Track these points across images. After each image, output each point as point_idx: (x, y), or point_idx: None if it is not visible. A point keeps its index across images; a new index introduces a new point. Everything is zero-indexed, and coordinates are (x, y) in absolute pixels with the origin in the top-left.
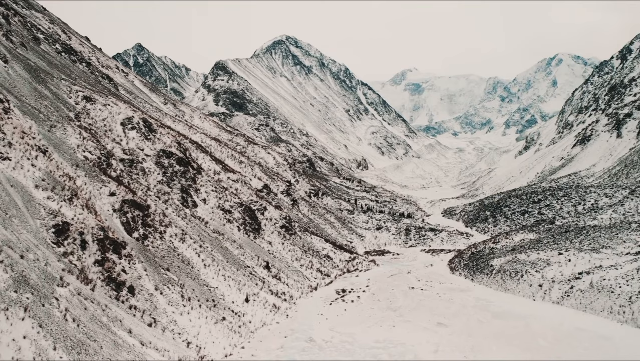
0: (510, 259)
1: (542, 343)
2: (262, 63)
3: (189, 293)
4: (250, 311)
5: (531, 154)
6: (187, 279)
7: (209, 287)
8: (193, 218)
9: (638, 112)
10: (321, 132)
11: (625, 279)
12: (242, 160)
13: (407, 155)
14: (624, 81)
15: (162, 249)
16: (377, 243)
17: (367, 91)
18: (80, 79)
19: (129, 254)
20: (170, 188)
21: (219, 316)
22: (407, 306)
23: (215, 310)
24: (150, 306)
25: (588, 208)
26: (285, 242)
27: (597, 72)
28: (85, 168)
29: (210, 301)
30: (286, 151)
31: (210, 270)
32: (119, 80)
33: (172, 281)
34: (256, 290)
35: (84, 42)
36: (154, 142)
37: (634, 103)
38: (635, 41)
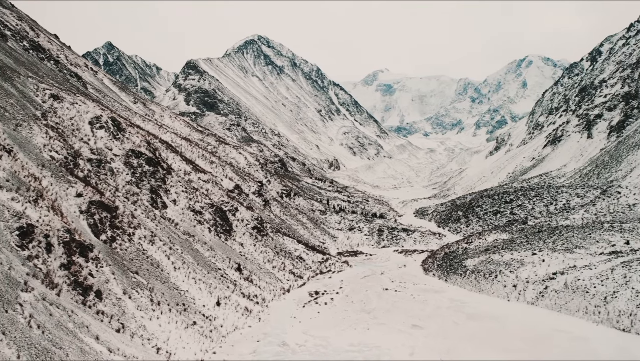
0: (484, 260)
1: (518, 345)
2: (233, 63)
3: (158, 297)
4: (221, 315)
5: (502, 154)
6: (157, 283)
7: (179, 290)
8: (163, 220)
9: (608, 113)
10: (293, 132)
11: (600, 279)
12: (213, 160)
13: (378, 155)
14: (595, 82)
15: (130, 251)
16: (350, 243)
17: (339, 91)
18: (48, 77)
19: (96, 257)
20: (139, 189)
21: (189, 320)
22: (382, 308)
23: (186, 314)
24: (118, 311)
25: (560, 208)
26: (257, 243)
27: (567, 74)
28: (51, 168)
29: (181, 305)
30: (258, 151)
31: (181, 273)
32: (88, 78)
33: (141, 285)
34: (227, 293)
35: (52, 39)
36: (123, 142)
37: (604, 104)
38: (605, 43)
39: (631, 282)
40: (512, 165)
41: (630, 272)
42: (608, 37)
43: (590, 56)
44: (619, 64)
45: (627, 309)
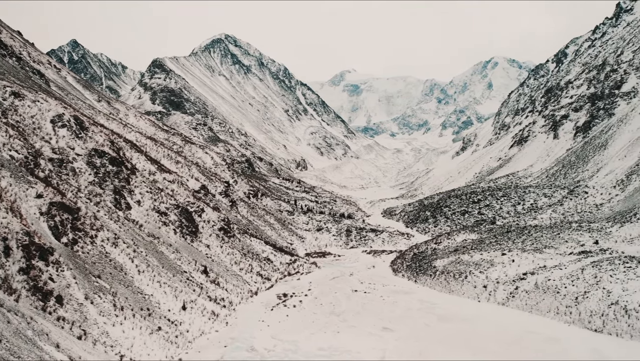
0: (453, 260)
1: (491, 347)
2: (200, 62)
3: (121, 302)
4: (187, 319)
5: (468, 154)
6: (120, 287)
7: (143, 295)
8: (127, 221)
9: (575, 114)
10: (260, 132)
11: (571, 279)
12: (179, 160)
13: (346, 155)
14: (561, 83)
15: (93, 255)
16: (318, 244)
17: (306, 91)
18: (9, 74)
19: (57, 261)
20: (102, 189)
21: (154, 326)
22: (351, 310)
23: (150, 319)
24: (80, 317)
25: (528, 207)
26: (224, 245)
27: (533, 75)
28: (10, 168)
29: (145, 310)
30: (224, 150)
31: (145, 276)
32: (51, 76)
33: (103, 290)
34: (194, 297)
35: (15, 36)
36: (86, 141)
37: (570, 105)
38: (570, 45)
39: (602, 282)
40: (479, 165)
41: (601, 272)
42: (573, 39)
43: (555, 58)
44: (585, 65)
45: (599, 309)
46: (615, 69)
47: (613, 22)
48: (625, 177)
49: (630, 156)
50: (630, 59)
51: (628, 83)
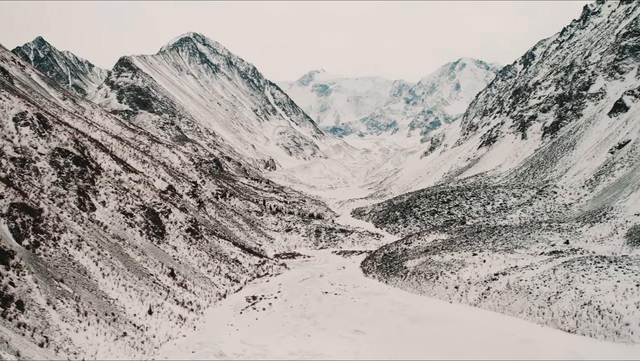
0: (424, 261)
1: (464, 349)
2: (168, 60)
3: (85, 307)
4: (154, 324)
5: (437, 155)
6: (84, 291)
7: (108, 299)
8: (91, 223)
9: (543, 114)
10: (228, 131)
11: (542, 279)
12: (146, 160)
13: (314, 155)
14: (529, 84)
15: (55, 258)
16: (287, 245)
17: (275, 90)
18: None
19: (18, 264)
20: (66, 190)
21: (119, 331)
22: (322, 313)
23: (115, 324)
24: (41, 323)
25: (497, 207)
26: (191, 247)
27: (500, 76)
28: None
29: (110, 315)
30: (192, 150)
31: (110, 280)
32: (15, 73)
33: (66, 294)
34: (160, 300)
35: None
36: (49, 140)
37: (538, 106)
38: (538, 47)
39: (574, 282)
40: (448, 165)
41: (573, 272)
42: (541, 41)
43: (523, 59)
44: (553, 67)
45: (572, 310)
46: (583, 71)
47: (580, 24)
48: (593, 178)
49: (599, 157)
50: (598, 61)
51: (596, 84)
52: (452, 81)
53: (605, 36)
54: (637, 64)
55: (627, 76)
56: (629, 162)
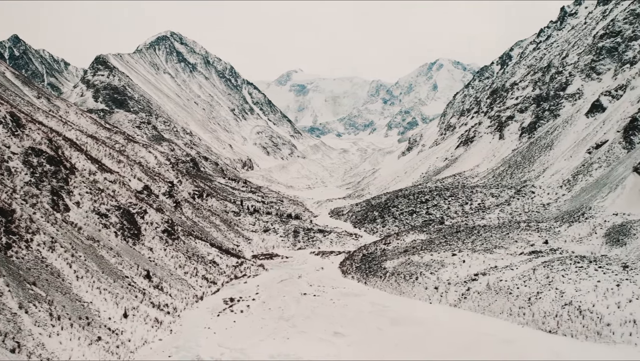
0: (403, 261)
1: (445, 350)
2: (145, 59)
3: (59, 311)
4: (129, 328)
5: (415, 155)
6: (57, 295)
7: (82, 302)
8: (65, 224)
9: (520, 115)
10: (206, 131)
11: (523, 280)
12: (121, 159)
13: (292, 155)
14: (506, 85)
15: (28, 260)
16: (265, 245)
17: (252, 90)
18: None
19: None
20: (39, 190)
21: (93, 336)
22: (301, 315)
23: (90, 328)
24: (13, 328)
25: (475, 207)
26: (167, 248)
27: (478, 77)
28: None
29: (84, 318)
30: (169, 150)
31: (84, 283)
32: None
33: (39, 298)
34: (136, 303)
35: None
36: (22, 139)
37: (516, 106)
38: (515, 48)
39: (554, 282)
40: (426, 165)
41: (553, 272)
42: (518, 42)
43: (500, 60)
44: (530, 67)
45: (553, 310)
46: (561, 71)
47: (557, 26)
48: (571, 177)
49: (576, 157)
50: (575, 62)
51: (573, 85)
52: (429, 82)
53: (583, 37)
54: (614, 65)
55: (604, 77)
56: (606, 163)
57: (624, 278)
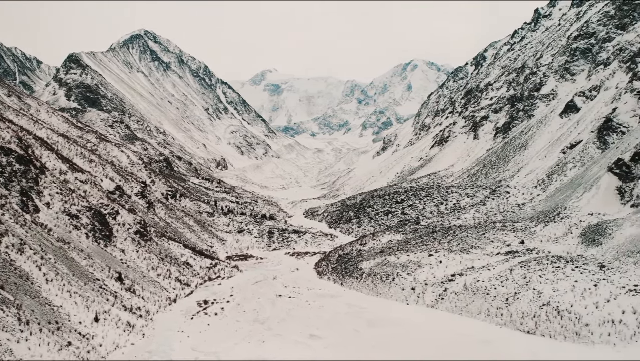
0: (379, 262)
1: (423, 352)
2: (118, 57)
3: (27, 315)
4: (100, 332)
5: (389, 154)
6: (26, 299)
7: (51, 306)
8: (34, 225)
9: (494, 115)
10: (179, 130)
11: (500, 280)
12: (93, 159)
13: (267, 155)
14: (480, 85)
15: None
16: (240, 246)
17: (227, 89)
18: None
19: None
20: (7, 190)
21: (63, 341)
22: (276, 317)
23: (59, 333)
24: None
25: (451, 207)
26: (140, 249)
27: (452, 77)
28: None
29: (53, 323)
30: (142, 149)
31: (54, 286)
32: None
33: (6, 302)
34: (107, 307)
35: None
36: None
37: (490, 107)
38: (489, 49)
39: (532, 283)
40: (400, 165)
41: (530, 272)
42: (492, 43)
43: (474, 61)
44: (504, 68)
45: (530, 310)
46: (535, 72)
47: (532, 27)
48: (546, 177)
49: (551, 157)
50: (549, 62)
51: (547, 86)
52: (403, 82)
53: (557, 38)
54: (588, 66)
55: (578, 78)
56: (581, 163)
57: (602, 277)
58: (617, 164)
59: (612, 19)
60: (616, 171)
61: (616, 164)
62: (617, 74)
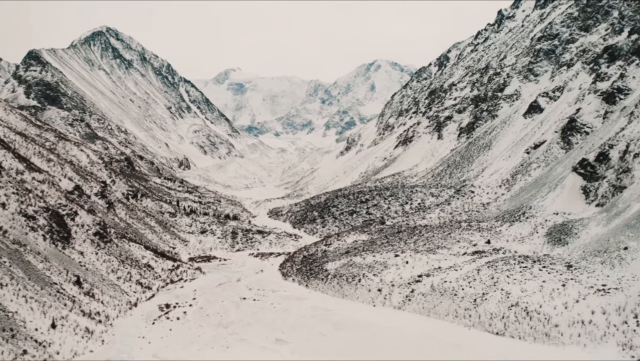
0: (345, 263)
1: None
2: (79, 54)
3: None
4: (58, 339)
5: (353, 154)
6: None
7: (6, 312)
8: None
9: (458, 115)
10: (141, 129)
11: (467, 281)
12: (52, 158)
13: (230, 154)
14: (444, 85)
15: None
16: (202, 247)
17: (190, 88)
18: None
19: None
20: None
21: (18, 349)
22: (241, 321)
23: (14, 341)
24: None
25: (415, 207)
26: (99, 251)
27: (416, 78)
28: None
29: (8, 330)
30: (102, 148)
31: (9, 291)
32: None
33: None
34: (65, 312)
35: None
36: None
37: (454, 107)
38: (452, 49)
39: (499, 283)
40: (365, 165)
41: (497, 273)
42: (455, 44)
43: (438, 61)
44: (468, 68)
45: (499, 311)
46: (499, 73)
47: (495, 28)
48: (510, 177)
49: (515, 156)
50: (513, 63)
51: (511, 86)
52: (367, 82)
53: (520, 40)
54: (551, 67)
55: (542, 79)
56: (545, 162)
57: (569, 277)
58: (582, 164)
59: (576, 20)
60: (580, 171)
61: (580, 164)
62: (580, 75)
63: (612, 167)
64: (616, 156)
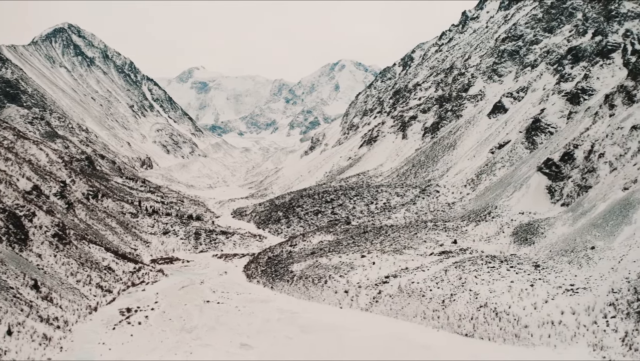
0: (311, 264)
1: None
2: (40, 51)
3: None
4: (13, 346)
5: (317, 154)
6: None
7: None
8: None
9: (423, 115)
10: (103, 128)
11: (435, 281)
12: (9, 157)
13: (193, 154)
14: (409, 85)
15: None
16: (165, 249)
17: (152, 86)
18: None
19: None
20: None
21: None
22: (205, 326)
23: None
24: None
25: (381, 207)
26: (58, 254)
27: (380, 78)
28: None
29: None
30: (63, 147)
31: None
32: None
33: None
34: (22, 318)
35: None
36: None
37: (418, 107)
38: (416, 50)
39: (467, 283)
40: (329, 164)
41: (465, 273)
42: (420, 45)
43: (402, 62)
44: (433, 69)
45: (468, 313)
46: (463, 73)
47: (460, 29)
48: (475, 177)
49: (479, 156)
50: (477, 64)
51: (475, 86)
52: (331, 82)
53: (485, 40)
54: (515, 68)
55: (506, 79)
56: (509, 162)
57: (537, 277)
58: (547, 164)
59: (540, 22)
60: (545, 171)
61: (545, 164)
62: (544, 76)
63: (577, 167)
64: (581, 156)
